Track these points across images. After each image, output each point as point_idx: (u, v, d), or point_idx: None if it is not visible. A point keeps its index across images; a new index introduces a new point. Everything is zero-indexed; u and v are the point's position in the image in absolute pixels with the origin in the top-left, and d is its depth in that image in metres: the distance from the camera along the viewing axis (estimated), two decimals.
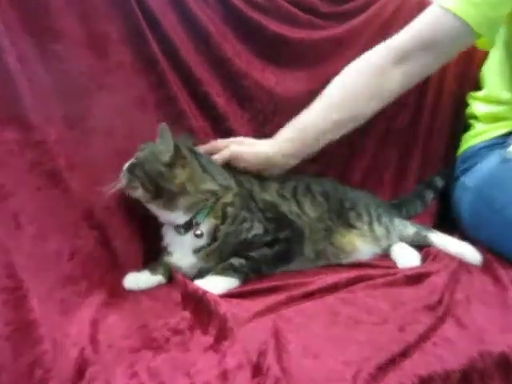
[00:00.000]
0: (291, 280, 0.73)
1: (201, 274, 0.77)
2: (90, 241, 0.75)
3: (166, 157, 0.76)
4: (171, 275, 0.78)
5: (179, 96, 0.89)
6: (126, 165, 0.77)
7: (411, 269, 0.78)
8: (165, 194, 0.76)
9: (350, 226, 0.88)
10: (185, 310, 0.67)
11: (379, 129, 1.06)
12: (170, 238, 0.80)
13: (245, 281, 0.75)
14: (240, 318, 0.61)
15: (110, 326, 0.64)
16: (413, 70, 0.88)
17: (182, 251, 0.78)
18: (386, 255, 0.87)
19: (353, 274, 0.74)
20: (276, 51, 0.98)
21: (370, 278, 0.73)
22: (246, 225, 0.77)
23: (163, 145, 0.76)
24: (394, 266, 0.82)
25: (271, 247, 0.78)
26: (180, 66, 0.90)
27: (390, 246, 0.88)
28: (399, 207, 1.01)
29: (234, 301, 0.67)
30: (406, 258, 0.84)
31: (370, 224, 0.89)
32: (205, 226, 0.77)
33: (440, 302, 0.66)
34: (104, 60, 0.83)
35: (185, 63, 0.90)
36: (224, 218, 0.77)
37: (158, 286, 0.78)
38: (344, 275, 0.73)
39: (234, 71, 0.94)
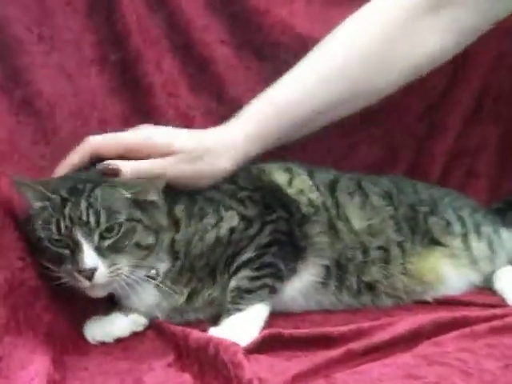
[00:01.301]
0: (345, 326, 0.72)
1: (175, 315, 0.79)
2: (34, 269, 0.74)
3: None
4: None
5: (157, 49, 0.90)
6: (90, 257, 0.71)
7: None
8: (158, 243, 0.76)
9: (433, 242, 0.87)
10: (183, 373, 0.67)
11: (469, 95, 1.06)
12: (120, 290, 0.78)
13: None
14: None
15: None
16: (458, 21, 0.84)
17: (140, 295, 0.78)
18: (487, 286, 0.87)
19: (439, 316, 0.73)
20: None
21: (467, 322, 0.72)
22: (210, 219, 0.80)
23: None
24: (501, 303, 0.82)
25: (263, 232, 0.79)
26: (161, 3, 0.91)
27: (493, 271, 0.88)
28: (503, 213, 1.00)
29: (263, 359, 0.66)
30: None
31: (465, 237, 0.88)
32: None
33: None
34: None
35: None
36: (176, 223, 0.79)
37: (138, 336, 0.79)
38: (425, 319, 0.72)
39: (248, 6, 0.95)
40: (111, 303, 0.81)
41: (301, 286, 0.82)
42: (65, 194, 0.73)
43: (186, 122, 0.93)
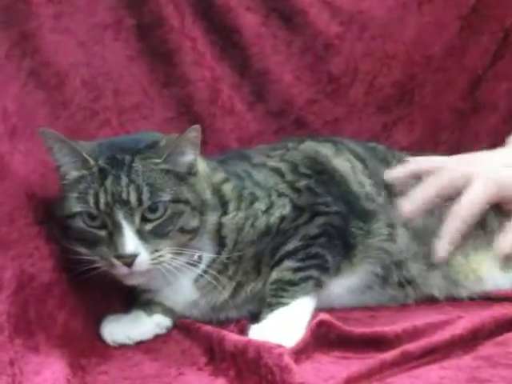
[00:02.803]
0: (398, 325, 0.73)
1: (211, 314, 0.80)
2: (48, 260, 0.74)
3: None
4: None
5: (178, 13, 0.91)
6: (132, 241, 0.70)
7: None
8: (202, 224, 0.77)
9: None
10: (217, 377, 0.67)
11: None
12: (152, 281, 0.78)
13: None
14: None
15: None
16: None
17: (176, 291, 0.79)
18: None
19: (500, 314, 0.74)
20: None
21: None
22: (260, 205, 0.81)
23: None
24: None
25: (313, 222, 0.80)
26: None
27: None
28: None
29: (306, 362, 0.67)
30: None
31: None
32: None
33: None
34: None
35: None
36: (224, 203, 0.80)
37: (162, 336, 0.80)
38: (486, 317, 0.73)
39: None
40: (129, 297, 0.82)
41: (348, 283, 0.83)
42: (103, 163, 0.72)
43: (213, 95, 0.94)
